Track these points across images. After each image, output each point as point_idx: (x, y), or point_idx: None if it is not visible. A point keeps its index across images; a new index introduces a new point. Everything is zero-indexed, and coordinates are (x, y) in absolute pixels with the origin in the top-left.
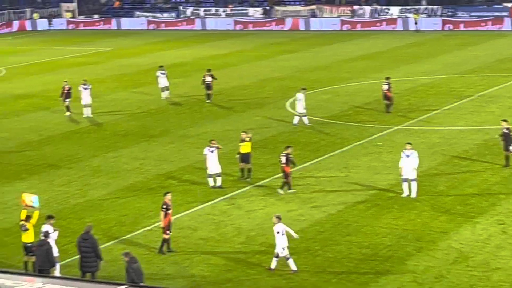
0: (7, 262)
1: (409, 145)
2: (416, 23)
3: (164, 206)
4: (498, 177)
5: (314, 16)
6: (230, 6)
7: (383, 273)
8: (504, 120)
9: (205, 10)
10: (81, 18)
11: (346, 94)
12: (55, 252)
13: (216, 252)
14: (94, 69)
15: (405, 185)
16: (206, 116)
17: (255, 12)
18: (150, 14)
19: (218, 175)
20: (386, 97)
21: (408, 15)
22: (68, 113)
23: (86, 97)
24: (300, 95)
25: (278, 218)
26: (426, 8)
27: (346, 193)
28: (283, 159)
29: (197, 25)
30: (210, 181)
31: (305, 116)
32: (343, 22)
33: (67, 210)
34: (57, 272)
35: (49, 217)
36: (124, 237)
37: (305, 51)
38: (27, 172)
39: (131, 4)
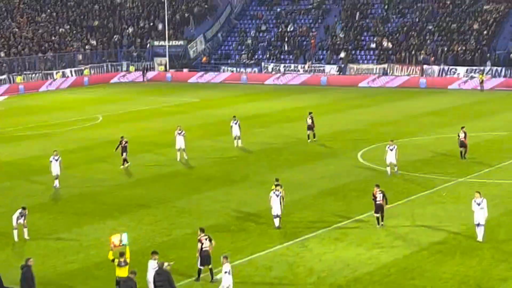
0: None
1: (478, 193)
2: (481, 83)
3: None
4: None
5: (385, 74)
6: (308, 62)
7: None
8: None
9: (285, 66)
10: (172, 71)
11: (413, 147)
12: None
13: None
14: (182, 118)
15: (476, 229)
16: (283, 164)
17: (330, 69)
18: (235, 68)
19: (278, 216)
20: (463, 145)
21: (474, 75)
22: (126, 165)
23: (180, 142)
24: (389, 147)
25: (226, 258)
26: (490, 69)
27: (412, 240)
28: (380, 196)
29: (278, 80)
30: (276, 222)
31: (388, 166)
32: (412, 80)
33: (153, 247)
34: None
35: (154, 253)
36: (205, 274)
37: (376, 106)
38: (119, 211)
39: (217, 60)
